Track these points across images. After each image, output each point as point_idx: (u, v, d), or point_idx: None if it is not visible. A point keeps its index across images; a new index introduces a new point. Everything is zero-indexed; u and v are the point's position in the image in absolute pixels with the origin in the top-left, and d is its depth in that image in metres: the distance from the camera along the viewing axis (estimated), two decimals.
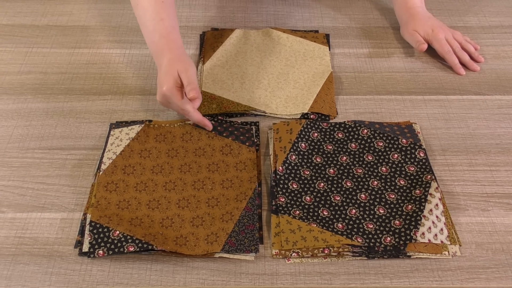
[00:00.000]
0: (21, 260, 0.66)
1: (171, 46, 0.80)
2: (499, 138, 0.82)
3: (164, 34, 0.81)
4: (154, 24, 0.82)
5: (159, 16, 0.82)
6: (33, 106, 0.85)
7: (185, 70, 0.76)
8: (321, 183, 0.74)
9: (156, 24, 0.82)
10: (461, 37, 0.96)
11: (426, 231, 0.68)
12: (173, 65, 0.77)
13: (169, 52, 0.79)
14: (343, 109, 0.86)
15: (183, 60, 0.78)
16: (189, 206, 0.71)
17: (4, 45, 0.97)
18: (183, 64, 0.77)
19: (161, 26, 0.82)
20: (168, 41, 0.81)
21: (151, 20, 0.82)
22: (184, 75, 0.76)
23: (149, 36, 0.83)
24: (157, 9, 0.83)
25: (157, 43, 0.81)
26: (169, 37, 0.81)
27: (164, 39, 0.81)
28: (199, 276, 0.65)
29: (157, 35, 0.81)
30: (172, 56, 0.79)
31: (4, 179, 0.75)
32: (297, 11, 1.07)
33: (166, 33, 0.82)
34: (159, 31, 0.82)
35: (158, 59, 0.81)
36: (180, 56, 0.79)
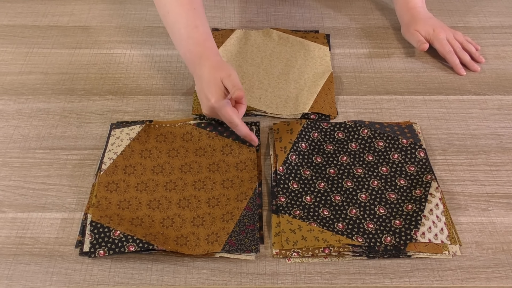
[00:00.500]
0: (22, 260, 0.66)
1: (208, 54, 0.78)
2: (499, 138, 0.82)
3: (200, 41, 0.79)
4: (188, 32, 0.80)
5: (193, 24, 0.80)
6: (34, 106, 0.86)
7: (228, 76, 0.74)
8: (322, 183, 0.74)
9: (191, 31, 0.80)
10: (462, 37, 0.96)
11: (427, 231, 0.68)
12: (215, 73, 0.75)
13: (207, 60, 0.77)
14: (344, 109, 0.86)
15: (223, 67, 0.76)
16: (190, 206, 0.71)
17: (5, 45, 0.97)
18: (225, 71, 0.75)
19: (196, 33, 0.80)
20: (204, 49, 0.79)
21: (185, 27, 0.80)
22: (228, 81, 0.74)
23: (184, 44, 0.81)
24: (191, 16, 0.81)
25: (193, 51, 0.79)
26: (205, 45, 0.79)
27: (200, 47, 0.79)
28: (199, 276, 0.65)
29: (192, 42, 0.79)
30: (212, 63, 0.77)
31: (5, 179, 0.75)
32: (298, 11, 1.07)
33: (202, 40, 0.80)
34: (194, 39, 0.79)
35: (195, 68, 0.79)
36: (220, 63, 0.77)
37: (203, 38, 0.80)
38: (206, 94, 0.75)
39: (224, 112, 0.74)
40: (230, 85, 0.74)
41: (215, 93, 0.74)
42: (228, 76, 0.74)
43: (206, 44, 0.80)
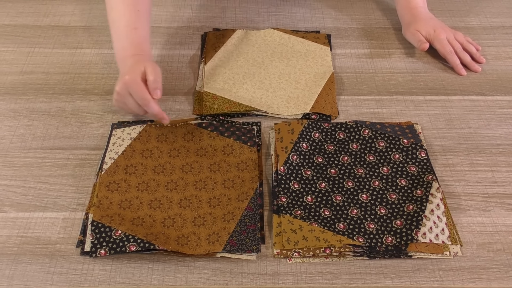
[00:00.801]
0: (23, 260, 0.66)
1: (140, 54, 0.80)
2: (500, 138, 0.82)
3: (136, 43, 0.81)
4: (127, 32, 0.81)
5: (133, 25, 0.81)
6: (35, 106, 0.86)
7: (153, 68, 0.76)
8: (323, 183, 0.74)
9: (129, 32, 0.81)
10: (462, 37, 0.96)
11: (427, 231, 0.68)
12: (141, 62, 0.77)
13: (138, 57, 0.79)
14: (345, 110, 0.86)
15: (151, 62, 0.78)
16: (191, 206, 0.71)
17: (6, 45, 0.97)
18: (152, 64, 0.77)
19: (134, 35, 0.81)
20: (138, 50, 0.80)
21: (125, 27, 0.81)
22: (151, 70, 0.75)
23: (120, 42, 0.82)
24: (132, 17, 0.82)
25: (127, 49, 0.80)
26: (140, 47, 0.81)
27: (134, 48, 0.80)
28: (200, 276, 0.65)
29: (128, 42, 0.81)
30: (140, 58, 0.78)
31: (6, 178, 0.75)
32: (299, 11, 1.07)
33: (138, 42, 0.81)
34: (131, 39, 0.81)
35: (125, 63, 0.79)
36: (149, 60, 0.79)
37: (139, 41, 0.81)
38: (123, 74, 0.76)
39: (136, 88, 0.74)
40: (152, 76, 0.75)
41: (132, 72, 0.75)
42: (153, 67, 0.76)
43: (141, 46, 0.81)
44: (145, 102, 0.75)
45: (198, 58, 0.95)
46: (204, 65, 0.92)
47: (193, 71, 0.93)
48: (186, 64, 0.94)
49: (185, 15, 1.05)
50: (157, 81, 0.75)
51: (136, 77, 0.75)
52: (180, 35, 1.00)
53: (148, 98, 0.75)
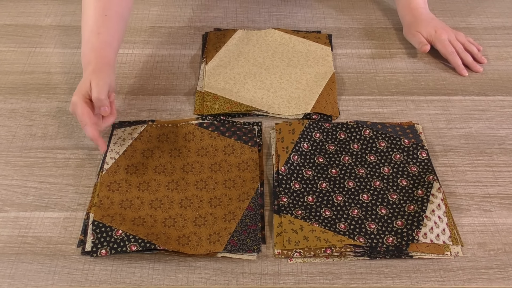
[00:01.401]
0: (24, 259, 0.66)
1: (98, 61, 0.77)
2: (501, 139, 0.82)
3: (96, 48, 0.78)
4: (89, 36, 0.79)
5: (97, 30, 0.79)
6: (36, 105, 0.86)
7: (97, 82, 0.72)
8: (323, 183, 0.74)
9: (92, 36, 0.79)
10: (464, 38, 0.96)
11: (428, 231, 0.68)
12: (89, 74, 0.74)
13: (94, 65, 0.76)
14: (345, 110, 0.86)
15: (102, 72, 0.75)
16: (192, 205, 0.71)
17: (7, 45, 0.97)
18: (97, 75, 0.73)
19: (95, 39, 0.78)
20: (97, 56, 0.77)
21: (89, 32, 0.79)
22: (95, 85, 0.72)
23: (84, 46, 0.80)
24: (98, 22, 0.80)
25: (87, 55, 0.78)
26: (99, 52, 0.78)
27: (93, 53, 0.78)
28: (201, 276, 0.65)
29: (89, 47, 0.78)
30: (94, 67, 0.75)
31: (7, 178, 0.75)
32: (300, 11, 1.07)
33: (99, 47, 0.78)
34: (92, 44, 0.78)
35: (84, 71, 0.77)
36: (102, 68, 0.75)
37: (100, 46, 0.78)
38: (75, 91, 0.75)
39: (76, 110, 0.73)
40: (94, 92, 0.72)
41: (78, 91, 0.73)
42: (97, 82, 0.73)
43: (101, 52, 0.78)
44: (82, 124, 0.73)
45: (199, 58, 0.96)
46: (205, 65, 0.92)
47: (194, 71, 0.93)
48: (187, 64, 0.94)
49: (186, 15, 1.05)
50: (100, 99, 0.72)
51: (78, 99, 0.72)
52: (181, 35, 1.00)
53: (84, 121, 0.72)
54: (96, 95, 0.72)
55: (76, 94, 0.73)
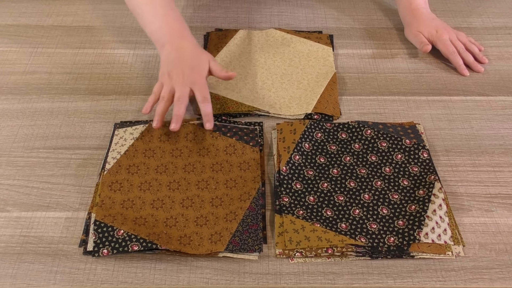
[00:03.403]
0: (26, 259, 0.66)
1: (188, 34, 0.84)
2: (503, 139, 0.82)
3: (179, 20, 0.85)
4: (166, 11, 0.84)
5: (170, 6, 0.85)
6: (38, 106, 0.86)
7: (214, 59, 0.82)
8: (325, 183, 0.74)
9: (169, 11, 0.85)
10: (465, 38, 0.96)
11: (430, 231, 0.68)
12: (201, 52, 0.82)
13: (189, 37, 0.83)
14: (347, 110, 0.86)
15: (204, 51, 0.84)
16: (193, 205, 0.71)
17: (9, 45, 0.97)
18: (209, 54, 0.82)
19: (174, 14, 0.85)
20: (184, 28, 0.84)
21: (163, 7, 0.84)
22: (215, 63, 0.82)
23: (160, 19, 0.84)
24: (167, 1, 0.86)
25: (173, 26, 0.84)
26: (184, 25, 0.85)
27: (180, 24, 0.84)
28: (203, 276, 0.65)
29: (171, 19, 0.84)
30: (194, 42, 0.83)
31: (9, 178, 0.75)
32: (301, 12, 1.07)
33: (181, 20, 0.85)
34: (173, 17, 0.85)
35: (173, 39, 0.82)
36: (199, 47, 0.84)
37: (181, 20, 0.85)
38: (191, 66, 0.79)
39: (204, 87, 0.78)
40: (218, 67, 0.81)
41: (203, 69, 0.80)
42: (213, 59, 0.82)
43: (185, 25, 0.85)
44: (206, 100, 0.77)
45: None
46: None
47: None
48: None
49: (187, 15, 1.05)
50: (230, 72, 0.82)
51: (204, 73, 0.80)
52: None
53: (209, 97, 0.78)
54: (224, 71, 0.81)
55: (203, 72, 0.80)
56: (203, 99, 0.77)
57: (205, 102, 0.77)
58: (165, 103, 0.77)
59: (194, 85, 0.78)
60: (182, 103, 0.76)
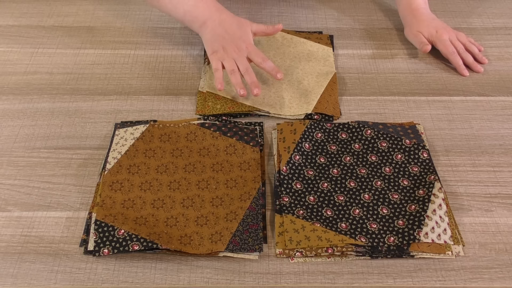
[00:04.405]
0: (27, 258, 0.67)
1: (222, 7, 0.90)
2: (503, 139, 0.82)
3: None
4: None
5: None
6: (39, 106, 0.86)
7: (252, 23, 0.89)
8: (325, 183, 0.74)
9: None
10: (465, 38, 0.97)
11: (430, 231, 0.68)
12: (243, 21, 0.88)
13: (225, 10, 0.89)
14: (347, 110, 0.87)
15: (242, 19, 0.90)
16: (194, 205, 0.72)
17: (10, 45, 0.98)
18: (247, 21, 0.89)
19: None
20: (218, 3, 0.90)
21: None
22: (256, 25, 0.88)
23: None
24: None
25: (208, 1, 0.89)
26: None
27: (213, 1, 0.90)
28: (203, 275, 0.65)
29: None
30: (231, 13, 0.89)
31: (10, 178, 0.76)
32: (301, 12, 1.07)
33: None
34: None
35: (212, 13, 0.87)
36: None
37: None
38: (240, 37, 0.85)
39: (257, 51, 0.85)
40: (261, 26, 0.88)
41: (249, 36, 0.86)
42: (253, 23, 0.88)
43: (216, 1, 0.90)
44: (265, 59, 0.84)
45: (201, 59, 0.96)
46: (207, 66, 0.93)
47: (196, 72, 0.93)
48: (189, 64, 0.95)
49: None
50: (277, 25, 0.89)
51: (251, 40, 0.87)
52: (183, 36, 1.01)
53: (266, 56, 0.85)
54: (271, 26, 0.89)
55: (250, 39, 0.86)
56: (262, 60, 0.84)
57: (264, 61, 0.84)
58: (237, 73, 0.83)
59: (249, 53, 0.84)
60: (251, 72, 0.83)
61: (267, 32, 0.89)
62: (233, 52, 0.84)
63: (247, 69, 0.83)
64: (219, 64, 0.84)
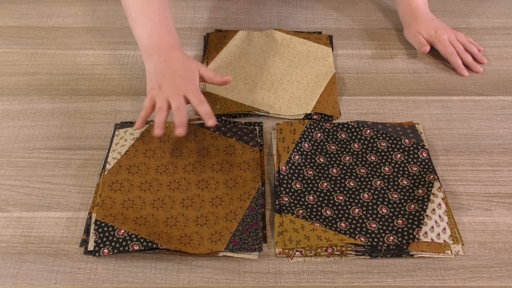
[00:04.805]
0: (27, 259, 0.67)
1: (178, 45, 0.82)
2: (502, 138, 0.83)
3: (171, 31, 0.83)
4: (160, 19, 0.82)
5: (164, 14, 0.83)
6: (39, 106, 0.86)
7: (203, 66, 0.80)
8: (324, 183, 0.75)
9: (162, 19, 0.83)
10: (464, 38, 0.97)
11: (429, 230, 0.68)
12: (190, 62, 0.79)
13: (178, 49, 0.81)
14: (346, 110, 0.87)
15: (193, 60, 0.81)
16: (193, 205, 0.72)
17: (10, 46, 0.98)
18: (198, 63, 0.80)
19: (167, 23, 0.83)
20: (174, 39, 0.82)
21: (157, 14, 0.83)
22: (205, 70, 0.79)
23: (151, 26, 0.82)
24: (161, 6, 0.84)
25: (164, 35, 0.82)
26: (174, 37, 0.83)
27: (170, 35, 0.82)
28: (203, 275, 0.65)
29: (163, 28, 0.82)
30: (182, 53, 0.81)
31: (10, 178, 0.76)
32: (300, 12, 1.07)
33: (173, 31, 0.83)
34: (166, 27, 0.83)
35: (161, 49, 0.80)
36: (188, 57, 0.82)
37: (173, 31, 0.84)
38: (182, 75, 0.77)
39: (197, 91, 0.76)
40: (211, 72, 0.79)
41: (194, 77, 0.78)
42: (203, 66, 0.80)
43: (176, 37, 0.83)
44: (202, 102, 0.75)
45: (200, 59, 0.96)
46: (207, 66, 0.93)
47: None
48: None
49: (187, 16, 1.06)
50: (225, 77, 0.80)
51: (195, 80, 0.78)
52: (183, 36, 1.01)
53: (204, 98, 0.76)
54: (218, 77, 0.79)
55: (195, 81, 0.78)
56: (198, 101, 0.74)
57: (201, 103, 0.74)
58: (163, 112, 0.74)
59: (187, 92, 0.75)
60: (183, 111, 0.73)
61: (214, 81, 0.79)
62: (168, 89, 0.75)
63: (179, 107, 0.73)
64: (150, 102, 0.75)
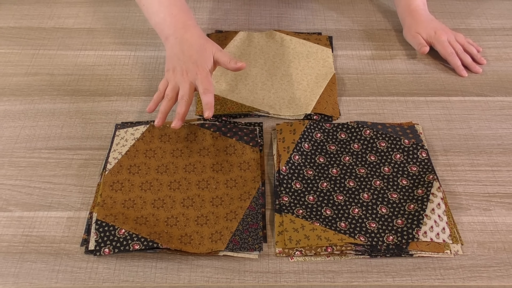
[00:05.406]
0: (29, 258, 0.67)
1: (193, 23, 0.83)
2: (501, 139, 0.83)
3: (184, 10, 0.84)
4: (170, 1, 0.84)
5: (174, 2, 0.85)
6: (40, 107, 0.87)
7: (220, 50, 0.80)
8: (324, 182, 0.75)
9: (173, 1, 0.84)
10: (463, 39, 0.97)
11: (428, 230, 0.68)
12: (206, 44, 0.79)
13: (193, 28, 0.82)
14: (346, 110, 0.87)
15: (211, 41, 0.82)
16: (194, 205, 0.72)
17: (11, 47, 0.98)
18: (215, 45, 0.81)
19: (179, 2, 0.84)
20: (189, 18, 0.83)
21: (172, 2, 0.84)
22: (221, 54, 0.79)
23: (163, 10, 0.83)
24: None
25: (177, 16, 0.82)
26: (189, 15, 0.84)
27: (184, 14, 0.83)
28: (203, 274, 0.66)
29: (176, 9, 0.83)
30: (199, 33, 0.81)
31: (11, 178, 0.76)
32: (300, 13, 1.08)
33: (186, 10, 0.84)
34: (178, 7, 0.84)
35: (176, 31, 0.81)
36: (205, 36, 0.83)
37: (186, 9, 0.84)
38: (195, 60, 0.77)
39: (206, 79, 0.76)
40: (226, 57, 0.79)
41: (207, 62, 0.78)
42: (219, 50, 0.80)
43: (190, 15, 0.84)
44: (208, 91, 0.75)
45: None
46: None
47: None
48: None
49: None
50: (239, 62, 0.79)
51: (208, 66, 0.78)
52: None
53: (212, 88, 0.75)
54: (234, 61, 0.79)
55: (207, 66, 0.78)
56: (204, 90, 0.75)
57: (206, 92, 0.74)
58: (169, 101, 0.76)
59: (196, 79, 0.76)
60: (186, 102, 0.74)
61: (228, 66, 0.79)
62: (179, 75, 0.76)
63: (183, 97, 0.74)
64: (163, 85, 0.77)
